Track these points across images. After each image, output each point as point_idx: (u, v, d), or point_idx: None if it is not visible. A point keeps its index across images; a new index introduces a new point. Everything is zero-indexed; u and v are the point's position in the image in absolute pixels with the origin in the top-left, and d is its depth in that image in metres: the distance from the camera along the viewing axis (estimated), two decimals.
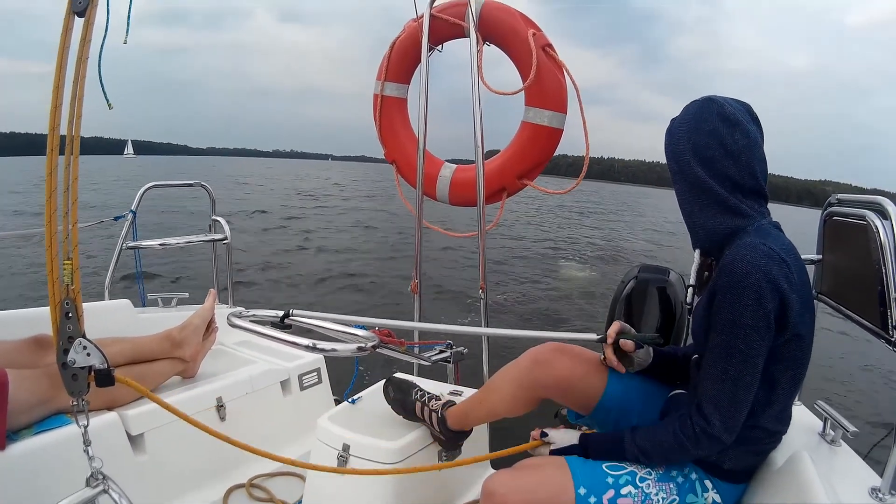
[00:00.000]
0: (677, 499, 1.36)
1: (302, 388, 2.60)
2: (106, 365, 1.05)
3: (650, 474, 1.38)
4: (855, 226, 1.70)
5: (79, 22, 1.03)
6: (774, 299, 1.19)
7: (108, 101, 1.45)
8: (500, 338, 3.16)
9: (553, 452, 1.52)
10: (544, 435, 1.57)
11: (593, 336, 1.65)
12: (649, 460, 1.38)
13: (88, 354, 1.03)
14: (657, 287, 2.52)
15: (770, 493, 1.38)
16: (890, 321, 1.49)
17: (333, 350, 1.57)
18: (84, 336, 1.04)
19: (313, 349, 1.55)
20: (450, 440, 1.82)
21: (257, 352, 2.69)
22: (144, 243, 2.95)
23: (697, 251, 1.52)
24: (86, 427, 1.07)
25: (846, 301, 1.81)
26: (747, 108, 1.36)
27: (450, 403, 1.82)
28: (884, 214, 1.56)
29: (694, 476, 1.39)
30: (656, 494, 1.35)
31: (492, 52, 2.68)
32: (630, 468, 1.39)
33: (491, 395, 1.70)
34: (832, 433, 1.63)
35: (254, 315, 1.80)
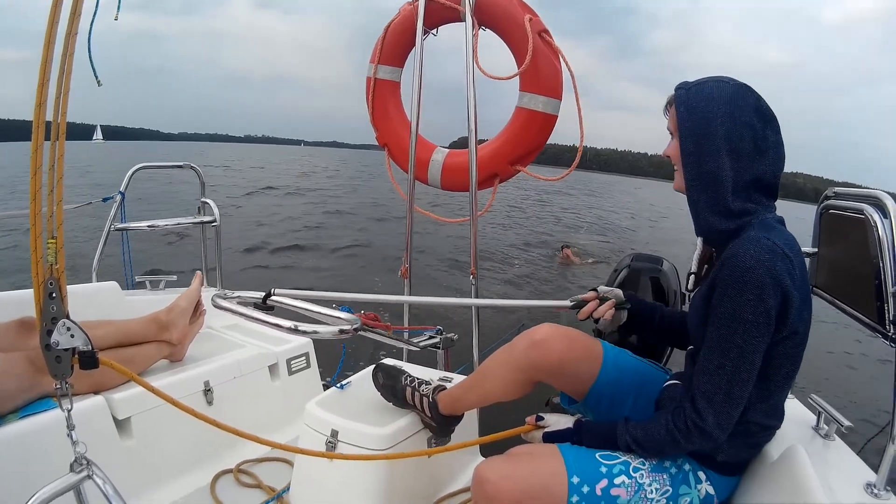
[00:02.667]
0: (670, 489, 1.36)
1: (290, 372, 2.58)
2: (90, 347, 1.03)
3: (644, 464, 1.37)
4: (852, 219, 1.68)
5: None
6: (776, 295, 1.18)
7: (97, 77, 1.41)
8: (486, 317, 3.15)
9: (546, 436, 1.50)
10: (540, 419, 1.55)
11: (567, 303, 1.72)
12: (642, 451, 1.36)
13: (72, 336, 1.00)
14: (650, 276, 2.51)
15: (765, 486, 1.38)
16: (887, 315, 1.47)
17: (315, 332, 1.54)
18: (68, 317, 1.01)
19: (294, 331, 1.53)
20: (441, 425, 1.80)
21: (245, 335, 2.66)
22: (133, 225, 2.91)
23: (700, 238, 1.46)
24: (69, 411, 1.04)
25: (842, 295, 1.79)
26: None
27: (441, 388, 1.80)
28: (882, 208, 1.53)
29: (687, 467, 1.38)
30: (649, 485, 1.35)
31: (486, 36, 2.64)
32: (624, 458, 1.38)
33: (485, 378, 1.67)
34: (826, 427, 1.62)
35: (238, 296, 1.77)
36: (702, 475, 1.38)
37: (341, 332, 1.53)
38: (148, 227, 2.88)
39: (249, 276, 8.79)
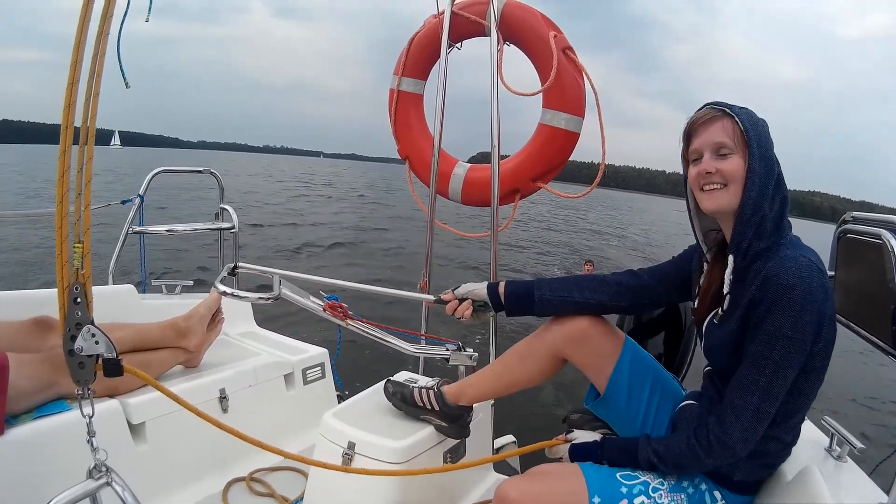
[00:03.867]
0: None
1: (305, 382, 2.58)
2: (114, 354, 1.02)
3: (662, 484, 1.39)
4: (869, 244, 1.70)
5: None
6: (813, 311, 1.20)
7: (125, 79, 1.41)
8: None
9: (573, 448, 1.56)
10: (569, 432, 1.64)
11: (431, 297, 1.94)
12: (663, 465, 1.39)
13: (97, 342, 1.00)
14: None
15: None
16: None
17: (237, 295, 1.92)
18: (93, 323, 1.01)
19: (227, 294, 1.90)
20: (450, 417, 1.81)
21: (261, 343, 2.66)
22: (151, 228, 2.92)
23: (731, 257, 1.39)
24: (90, 417, 1.04)
25: (858, 318, 1.80)
26: None
27: (446, 381, 1.88)
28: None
29: (704, 487, 1.41)
30: None
31: (508, 50, 2.64)
32: (643, 478, 1.41)
33: (508, 364, 1.76)
34: (838, 449, 1.63)
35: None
36: (717, 495, 1.40)
37: (260, 298, 1.90)
38: (167, 231, 2.88)
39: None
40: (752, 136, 1.30)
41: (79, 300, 1.00)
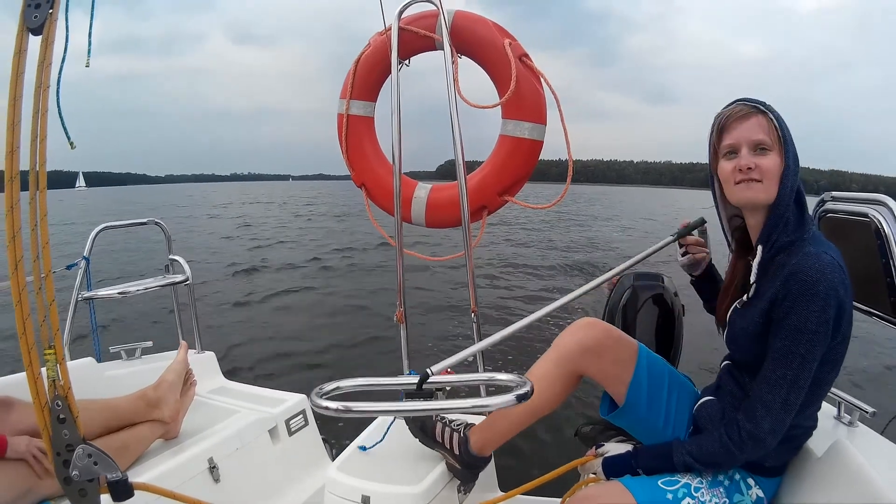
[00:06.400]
0: (727, 500, 1.44)
1: (290, 433, 2.45)
2: (119, 473, 0.88)
3: (702, 483, 1.45)
4: (856, 222, 1.76)
5: (34, 42, 0.87)
6: (835, 306, 1.26)
7: (69, 139, 1.22)
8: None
9: (606, 461, 1.57)
10: (600, 446, 1.64)
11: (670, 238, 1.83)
12: (699, 465, 1.44)
13: (95, 463, 0.86)
14: (653, 294, 2.46)
15: (816, 483, 1.45)
16: None
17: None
18: (85, 441, 0.86)
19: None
20: (467, 466, 1.76)
21: (237, 399, 2.51)
22: (101, 293, 2.70)
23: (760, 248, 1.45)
24: None
25: (853, 294, 1.86)
26: None
27: (471, 425, 1.81)
28: (889, 210, 1.63)
29: (737, 476, 1.47)
30: (710, 500, 1.42)
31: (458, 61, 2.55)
32: (683, 480, 1.45)
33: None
34: (848, 416, 1.70)
35: (337, 387, 1.37)
36: (751, 481, 1.47)
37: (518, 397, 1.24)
38: (118, 294, 2.67)
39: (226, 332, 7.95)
40: (788, 134, 1.37)
41: (63, 418, 0.85)
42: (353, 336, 7.55)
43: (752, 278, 1.44)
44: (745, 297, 1.48)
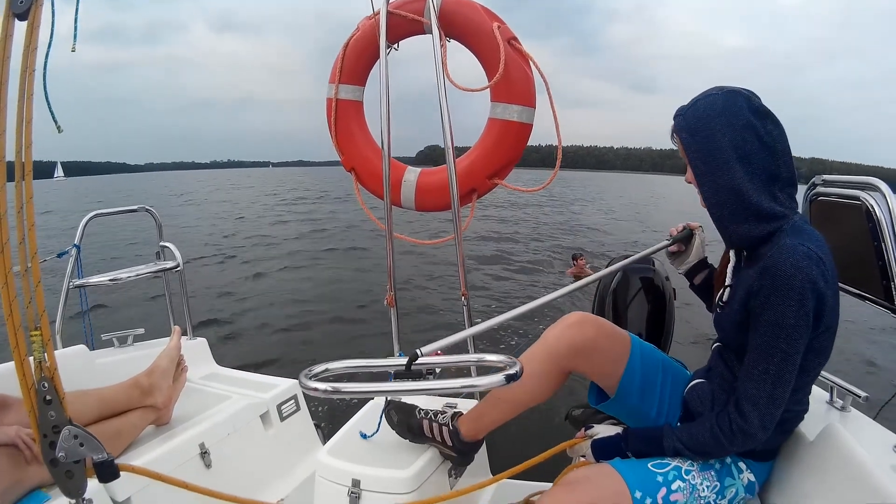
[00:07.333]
0: (718, 484, 1.44)
1: (282, 418, 2.45)
2: (105, 454, 0.88)
3: (693, 465, 1.44)
4: (847, 205, 1.75)
5: (20, 27, 0.86)
6: (813, 298, 1.24)
7: (56, 122, 1.22)
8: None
9: (596, 444, 1.56)
10: (589, 427, 1.64)
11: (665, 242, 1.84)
12: (689, 453, 1.43)
13: (81, 445, 0.86)
14: (641, 277, 2.47)
15: (807, 466, 1.47)
16: (894, 293, 1.59)
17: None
18: (71, 422, 0.86)
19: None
20: (462, 453, 1.77)
21: (229, 385, 2.51)
22: (93, 280, 2.69)
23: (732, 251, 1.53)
24: None
25: (845, 278, 1.85)
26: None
27: (458, 413, 1.79)
28: (880, 193, 1.62)
29: (729, 460, 1.47)
30: (701, 483, 1.42)
31: (447, 45, 2.53)
32: (674, 463, 1.44)
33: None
34: (840, 401, 1.70)
35: (326, 369, 1.44)
36: (742, 465, 1.47)
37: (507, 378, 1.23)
38: (110, 281, 2.65)
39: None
40: (686, 141, 1.38)
41: (49, 399, 0.85)
42: (345, 320, 7.64)
43: (728, 280, 1.51)
44: (726, 284, 1.51)
